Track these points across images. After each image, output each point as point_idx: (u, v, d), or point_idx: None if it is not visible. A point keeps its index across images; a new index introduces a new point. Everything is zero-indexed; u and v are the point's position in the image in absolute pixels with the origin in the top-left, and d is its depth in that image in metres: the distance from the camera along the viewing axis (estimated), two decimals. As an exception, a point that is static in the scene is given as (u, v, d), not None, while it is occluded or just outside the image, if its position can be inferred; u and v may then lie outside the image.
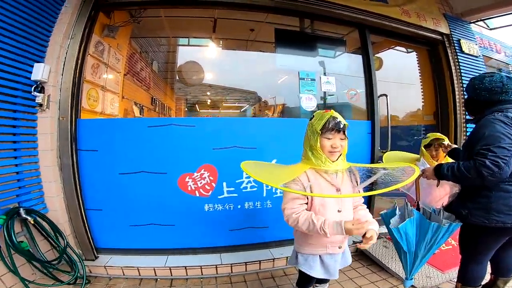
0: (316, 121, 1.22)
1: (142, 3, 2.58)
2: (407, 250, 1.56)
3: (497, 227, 1.35)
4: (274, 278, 2.15)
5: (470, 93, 1.52)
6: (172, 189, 2.18)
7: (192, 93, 4.53)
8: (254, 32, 3.58)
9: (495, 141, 1.26)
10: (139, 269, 2.10)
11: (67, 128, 1.97)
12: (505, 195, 1.34)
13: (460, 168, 1.32)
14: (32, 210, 1.80)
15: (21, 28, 1.78)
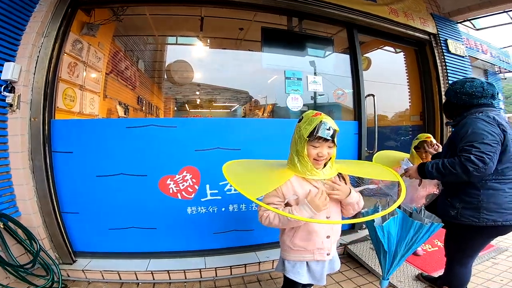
0: (304, 126, 1.14)
1: (123, 1, 2.50)
2: (387, 249, 1.55)
3: (488, 225, 1.37)
4: (260, 282, 2.11)
5: (451, 98, 1.56)
6: (153, 192, 2.10)
7: (181, 93, 4.47)
8: (243, 31, 3.54)
9: (478, 138, 1.29)
10: (120, 273, 2.04)
11: (39, 129, 1.88)
12: (494, 193, 1.36)
13: (445, 165, 1.34)
14: (2, 214, 1.72)
15: None
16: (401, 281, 1.99)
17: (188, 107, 4.83)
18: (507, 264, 2.25)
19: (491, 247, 2.47)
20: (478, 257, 2.23)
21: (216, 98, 4.83)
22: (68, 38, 2.22)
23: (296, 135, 1.18)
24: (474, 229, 1.42)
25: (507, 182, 1.38)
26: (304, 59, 2.92)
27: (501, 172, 1.36)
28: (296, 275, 1.30)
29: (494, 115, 1.38)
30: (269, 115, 3.79)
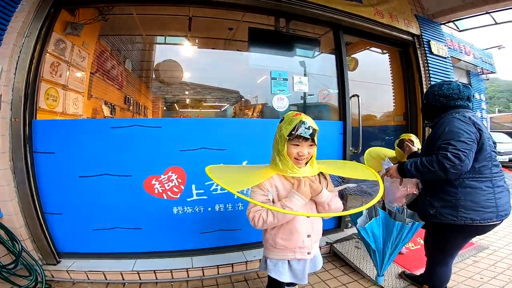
0: (285, 125, 1.17)
1: (108, 1, 2.49)
2: (376, 248, 1.61)
3: (466, 224, 1.39)
4: (247, 281, 2.13)
5: (429, 100, 1.61)
6: (137, 192, 2.10)
7: (171, 92, 4.44)
8: (232, 31, 3.55)
9: (455, 136, 1.33)
10: (105, 273, 2.04)
11: (20, 129, 1.86)
12: (472, 191, 1.39)
13: (423, 163, 1.37)
14: None
15: None
16: (385, 280, 2.03)
17: (177, 107, 4.80)
18: (487, 262, 2.30)
19: (472, 245, 2.54)
20: (459, 255, 2.30)
21: (206, 97, 4.82)
22: (51, 38, 2.21)
23: (277, 135, 1.20)
24: (452, 228, 1.44)
25: (484, 180, 1.40)
26: (290, 59, 2.96)
27: (478, 171, 1.39)
28: (278, 274, 1.32)
29: (470, 115, 1.43)
30: (258, 115, 3.82)
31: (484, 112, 5.23)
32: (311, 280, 2.10)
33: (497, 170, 1.44)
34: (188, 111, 4.86)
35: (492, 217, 1.40)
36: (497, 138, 10.05)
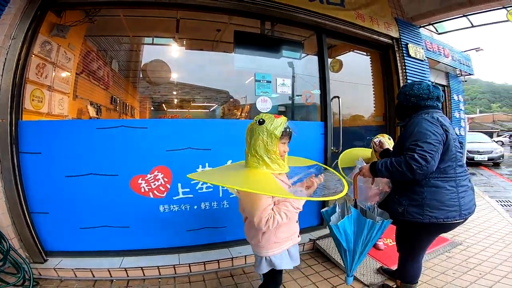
0: (274, 126, 1.22)
1: (95, 3, 2.52)
2: (346, 247, 1.63)
3: (431, 222, 1.46)
4: (233, 277, 2.21)
5: (401, 100, 1.68)
6: (124, 191, 2.17)
7: (159, 92, 4.47)
8: (220, 32, 3.63)
9: (422, 137, 1.39)
10: (92, 270, 2.09)
11: (7, 130, 1.90)
12: (437, 190, 1.46)
13: (392, 163, 1.43)
14: None
15: None
16: (364, 274, 2.14)
17: (165, 107, 4.83)
18: (460, 258, 2.41)
19: (446, 241, 2.66)
20: (433, 251, 2.46)
21: (195, 97, 4.87)
22: (37, 39, 2.23)
23: (265, 136, 1.21)
24: (419, 226, 1.51)
25: (448, 180, 1.47)
26: (275, 61, 3.07)
27: (443, 171, 1.45)
28: (286, 263, 1.41)
29: (438, 116, 1.49)
30: (246, 115, 3.91)
31: (462, 113, 5.47)
32: (295, 275, 2.21)
33: (461, 170, 1.50)
34: (176, 111, 4.89)
35: (455, 215, 1.46)
36: (477, 138, 10.52)
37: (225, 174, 1.41)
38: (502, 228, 3.06)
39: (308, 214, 2.84)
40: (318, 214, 2.89)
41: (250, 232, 1.40)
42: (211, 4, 2.49)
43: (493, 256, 2.44)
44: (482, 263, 2.32)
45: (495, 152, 9.63)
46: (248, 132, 1.29)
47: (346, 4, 3.00)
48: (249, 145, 1.27)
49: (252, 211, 1.22)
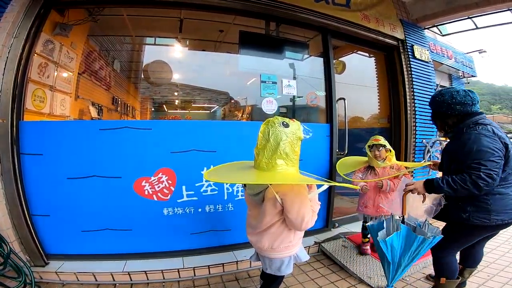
0: (297, 130, 1.31)
1: (98, 2, 2.50)
2: (391, 260, 1.71)
3: (497, 224, 1.56)
4: (238, 280, 2.20)
5: (442, 109, 1.65)
6: (127, 194, 2.14)
7: (159, 93, 4.47)
8: (223, 33, 3.62)
9: (485, 156, 1.44)
10: (95, 274, 2.07)
11: (7, 131, 1.87)
12: (501, 197, 1.54)
13: (456, 181, 1.48)
14: None
15: None
16: (371, 277, 2.16)
17: (166, 108, 4.83)
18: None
19: None
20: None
21: (196, 99, 4.87)
22: (40, 38, 2.21)
23: (293, 138, 1.28)
24: (484, 228, 1.60)
25: (509, 186, 1.56)
26: (280, 63, 3.05)
27: (505, 178, 1.53)
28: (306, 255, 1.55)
29: (493, 128, 1.53)
30: (248, 117, 3.90)
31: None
32: (301, 278, 2.20)
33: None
34: (176, 112, 4.89)
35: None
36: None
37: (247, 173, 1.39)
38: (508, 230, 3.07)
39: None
40: (323, 217, 2.88)
41: (279, 236, 1.41)
42: (216, 4, 2.47)
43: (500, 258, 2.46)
44: (489, 265, 2.32)
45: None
46: (266, 133, 1.28)
47: (352, 5, 3.00)
48: (273, 147, 1.26)
49: (302, 210, 1.29)
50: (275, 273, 1.49)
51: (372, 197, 2.39)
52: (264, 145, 1.27)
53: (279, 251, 1.42)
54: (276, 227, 1.40)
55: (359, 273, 2.21)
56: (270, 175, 1.27)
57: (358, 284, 2.12)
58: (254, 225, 1.46)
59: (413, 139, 3.28)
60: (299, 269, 2.33)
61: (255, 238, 1.46)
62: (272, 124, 1.28)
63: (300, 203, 1.30)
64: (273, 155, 1.25)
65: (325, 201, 2.83)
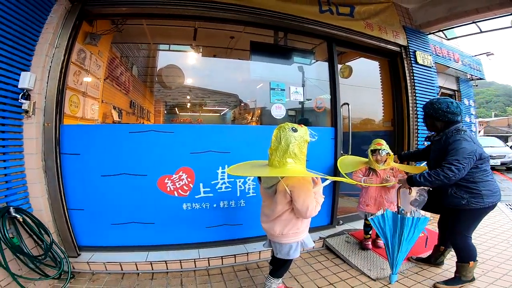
0: (305, 134, 1.60)
1: (124, 15, 2.82)
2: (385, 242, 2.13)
3: (489, 206, 1.98)
4: (248, 270, 2.43)
5: (438, 114, 2.05)
6: (152, 190, 2.43)
7: (171, 96, 4.74)
8: (234, 40, 3.89)
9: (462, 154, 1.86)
10: (121, 264, 2.31)
11: (52, 133, 2.18)
12: (487, 183, 1.97)
13: (431, 175, 1.93)
14: (21, 209, 2.00)
15: (9, 37, 1.95)
16: (371, 270, 2.36)
17: (177, 110, 5.11)
18: None
19: None
20: None
21: (206, 101, 5.13)
22: (75, 48, 2.50)
23: (301, 141, 1.57)
24: (480, 211, 1.99)
25: (489, 174, 2.01)
26: (288, 70, 3.32)
27: (485, 170, 1.98)
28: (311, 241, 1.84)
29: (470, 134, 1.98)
30: (257, 119, 4.15)
31: (472, 117, 5.62)
32: (305, 269, 2.44)
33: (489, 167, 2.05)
34: (188, 115, 5.16)
35: (499, 198, 2.02)
36: (490, 142, 10.57)
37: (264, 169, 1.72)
38: (508, 230, 3.24)
39: (319, 214, 3.05)
40: (329, 214, 3.13)
41: (289, 223, 1.71)
42: (227, 17, 2.77)
43: (496, 255, 2.62)
44: (485, 261, 2.49)
45: (508, 157, 9.69)
46: (278, 137, 1.57)
47: (356, 14, 3.22)
48: (284, 148, 1.54)
49: (307, 200, 1.58)
50: (284, 257, 1.76)
51: (374, 196, 2.62)
52: (276, 146, 1.56)
53: (288, 237, 1.70)
54: (286, 215, 1.68)
55: (360, 266, 2.41)
56: (281, 171, 1.56)
57: (359, 276, 2.32)
58: (268, 214, 1.74)
59: (415, 142, 3.47)
60: (304, 262, 2.57)
61: (268, 225, 1.75)
62: (283, 129, 1.57)
63: (305, 194, 1.58)
64: (284, 154, 1.53)
65: (329, 200, 3.08)
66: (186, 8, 2.59)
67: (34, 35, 2.18)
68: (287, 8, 2.82)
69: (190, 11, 2.64)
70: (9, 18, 1.95)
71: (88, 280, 2.20)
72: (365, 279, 2.27)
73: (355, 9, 3.20)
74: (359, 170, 2.66)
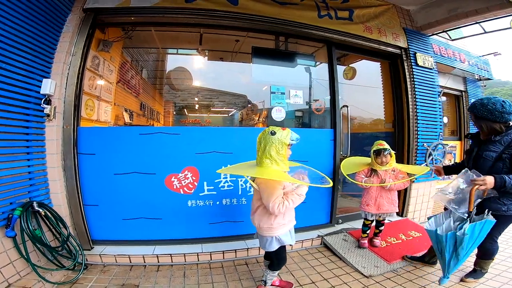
0: (282, 136, 1.73)
1: (133, 23, 3.05)
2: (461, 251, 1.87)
3: None
4: (248, 264, 2.59)
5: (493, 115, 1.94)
6: (160, 188, 2.64)
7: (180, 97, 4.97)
8: (239, 43, 4.07)
9: None
10: (130, 257, 2.51)
11: (70, 135, 2.42)
12: None
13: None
14: (43, 203, 2.24)
15: (31, 47, 2.17)
16: (365, 267, 2.45)
17: (186, 112, 5.35)
18: None
19: None
20: None
21: (214, 102, 5.33)
22: (89, 55, 2.72)
23: (277, 143, 1.71)
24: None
25: None
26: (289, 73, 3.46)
27: None
28: (289, 240, 1.91)
29: None
30: (264, 120, 4.31)
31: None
32: (302, 265, 2.58)
33: None
34: (196, 116, 5.38)
35: None
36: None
37: (248, 169, 1.93)
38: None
39: (319, 213, 3.24)
40: (328, 213, 3.27)
41: (262, 218, 1.86)
42: (230, 24, 2.96)
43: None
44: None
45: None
46: (260, 140, 1.78)
47: (355, 18, 3.30)
48: (262, 149, 1.74)
49: (269, 198, 1.69)
50: (263, 248, 1.95)
51: (374, 196, 2.71)
52: (258, 148, 1.78)
53: (263, 230, 1.87)
54: (260, 210, 1.86)
55: (354, 263, 2.52)
56: (258, 170, 1.75)
57: (353, 273, 2.43)
58: (251, 207, 1.96)
59: (415, 143, 3.54)
60: (301, 258, 2.73)
61: (252, 217, 1.96)
62: (264, 132, 1.77)
63: (269, 192, 1.71)
64: (262, 155, 1.75)
65: (328, 200, 3.23)
66: (191, 17, 2.79)
67: (52, 44, 2.40)
68: (286, 14, 2.95)
69: (195, 20, 2.84)
70: (30, 29, 2.15)
71: (99, 271, 2.40)
72: (359, 276, 2.39)
73: (354, 13, 3.29)
74: (362, 171, 2.75)
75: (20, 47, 2.08)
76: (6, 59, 1.97)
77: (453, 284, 2.26)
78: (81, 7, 2.55)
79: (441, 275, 2.10)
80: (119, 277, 2.33)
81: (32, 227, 2.08)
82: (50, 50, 2.38)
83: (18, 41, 2.06)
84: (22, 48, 2.10)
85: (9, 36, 1.98)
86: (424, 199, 3.77)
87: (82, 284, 2.18)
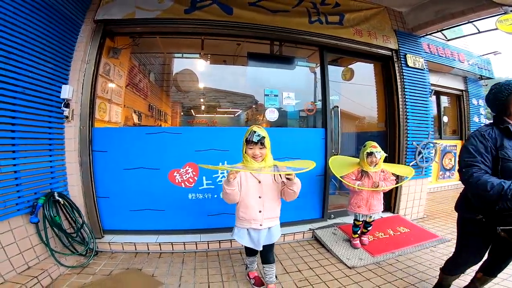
0: (245, 134, 1.81)
1: (140, 33, 3.40)
2: None
3: None
4: (241, 254, 2.81)
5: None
6: (163, 182, 2.97)
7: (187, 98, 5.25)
8: (240, 46, 4.35)
9: None
10: (136, 244, 2.81)
11: (86, 134, 2.78)
12: None
13: None
14: (62, 194, 2.60)
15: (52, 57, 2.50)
16: (349, 259, 2.62)
17: (193, 113, 5.62)
18: (442, 252, 2.84)
19: (436, 237, 3.10)
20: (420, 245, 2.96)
21: (221, 103, 5.59)
22: (101, 62, 3.05)
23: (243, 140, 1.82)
24: None
25: None
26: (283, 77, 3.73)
27: None
28: (239, 238, 1.93)
29: None
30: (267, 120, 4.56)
31: (482, 117, 5.67)
32: (291, 255, 2.80)
33: None
34: (203, 117, 5.64)
35: None
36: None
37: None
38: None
39: (311, 208, 3.50)
40: (320, 208, 3.52)
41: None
42: (227, 32, 3.24)
43: None
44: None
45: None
46: None
47: (345, 22, 3.48)
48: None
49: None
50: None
51: (366, 198, 2.74)
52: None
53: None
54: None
55: (340, 255, 2.70)
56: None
57: (337, 263, 2.62)
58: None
59: (405, 142, 3.71)
60: (292, 249, 2.95)
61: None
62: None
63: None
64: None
65: (320, 196, 3.48)
66: (191, 26, 3.09)
67: (69, 53, 2.74)
68: (278, 21, 3.19)
69: (194, 29, 3.16)
70: (51, 41, 2.48)
71: (108, 257, 2.69)
72: (342, 266, 2.57)
73: (345, 17, 3.47)
74: (352, 173, 2.75)
75: (43, 57, 2.43)
76: (33, 68, 2.33)
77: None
78: (92, 18, 2.88)
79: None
80: (124, 262, 2.61)
81: (53, 214, 2.43)
82: (67, 59, 2.74)
83: (42, 52, 2.40)
84: (45, 59, 2.45)
85: (35, 48, 2.33)
86: (415, 196, 3.93)
87: (92, 268, 2.46)
